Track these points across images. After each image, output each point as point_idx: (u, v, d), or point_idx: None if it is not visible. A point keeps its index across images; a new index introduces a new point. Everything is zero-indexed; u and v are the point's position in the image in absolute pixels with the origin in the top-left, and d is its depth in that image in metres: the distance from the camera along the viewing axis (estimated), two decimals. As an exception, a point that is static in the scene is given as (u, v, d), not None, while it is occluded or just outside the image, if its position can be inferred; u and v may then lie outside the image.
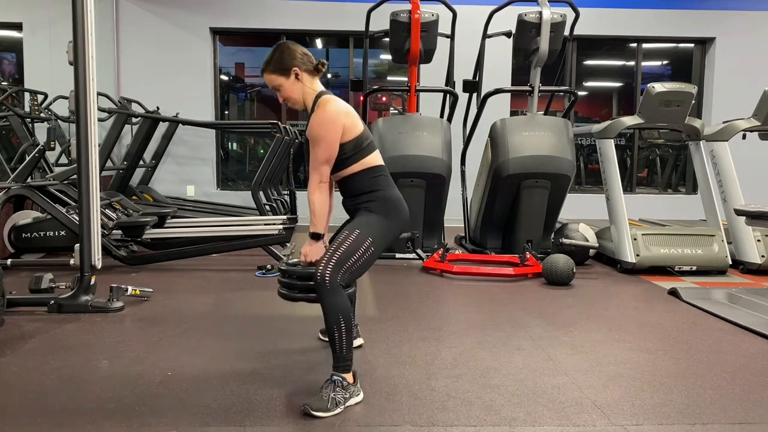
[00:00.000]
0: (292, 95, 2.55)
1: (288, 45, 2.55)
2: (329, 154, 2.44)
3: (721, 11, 8.53)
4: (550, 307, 4.05)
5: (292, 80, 2.52)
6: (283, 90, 2.55)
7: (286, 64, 2.50)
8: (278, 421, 2.28)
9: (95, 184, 3.78)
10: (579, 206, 7.59)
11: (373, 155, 2.55)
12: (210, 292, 4.33)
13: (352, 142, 2.48)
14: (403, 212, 2.57)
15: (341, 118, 2.45)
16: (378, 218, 2.49)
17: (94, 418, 2.28)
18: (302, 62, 2.52)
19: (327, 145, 2.42)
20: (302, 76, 2.52)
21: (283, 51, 2.52)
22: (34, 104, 6.66)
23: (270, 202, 6.98)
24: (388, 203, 2.52)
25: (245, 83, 9.16)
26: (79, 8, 3.62)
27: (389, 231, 2.53)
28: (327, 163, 2.45)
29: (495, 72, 7.23)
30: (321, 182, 2.45)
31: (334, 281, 2.36)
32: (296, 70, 2.50)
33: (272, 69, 2.53)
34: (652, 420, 2.34)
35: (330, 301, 2.37)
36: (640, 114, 5.29)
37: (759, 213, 4.01)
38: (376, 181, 2.53)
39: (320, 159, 2.43)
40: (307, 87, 2.54)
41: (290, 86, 2.53)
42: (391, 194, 2.55)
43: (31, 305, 3.77)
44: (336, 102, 2.50)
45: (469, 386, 2.63)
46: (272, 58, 2.53)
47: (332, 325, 2.38)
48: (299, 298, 2.65)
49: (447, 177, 5.56)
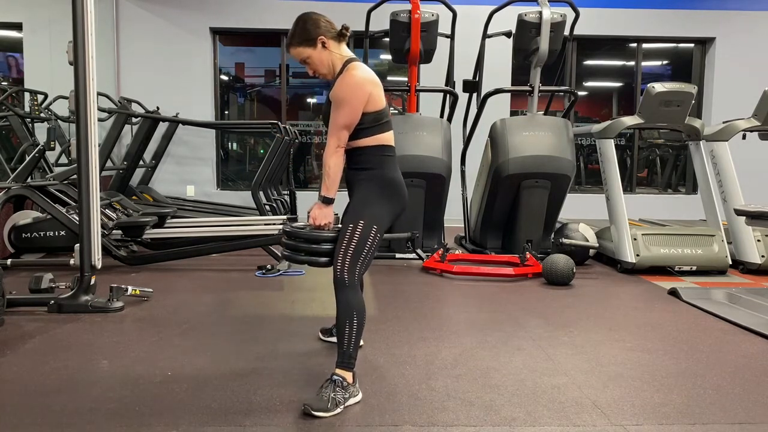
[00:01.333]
0: (321, 65, 2.51)
1: (310, 15, 2.51)
2: (351, 119, 2.40)
3: (721, 11, 8.54)
4: (550, 307, 4.05)
5: (319, 49, 2.48)
6: (312, 61, 2.51)
7: (311, 34, 2.47)
8: (278, 421, 2.27)
9: (95, 184, 3.78)
10: (579, 206, 7.59)
11: (388, 134, 2.52)
12: (210, 292, 4.33)
13: (373, 114, 2.45)
14: (403, 194, 2.53)
15: (368, 86, 2.43)
16: (377, 200, 2.46)
17: (94, 418, 2.28)
18: (327, 30, 2.49)
19: (351, 109, 2.39)
20: (329, 43, 2.48)
21: (306, 21, 2.49)
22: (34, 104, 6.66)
23: (270, 202, 6.99)
24: (390, 183, 2.49)
25: (245, 83, 9.16)
26: (79, 8, 3.62)
27: (389, 212, 2.50)
28: (347, 128, 2.41)
29: (495, 72, 7.23)
30: (338, 146, 2.41)
31: (352, 278, 2.38)
32: (322, 39, 2.47)
33: (298, 41, 2.49)
34: (652, 420, 2.34)
35: (347, 297, 2.38)
36: (640, 114, 5.29)
37: (759, 213, 4.01)
38: (383, 159, 2.50)
39: (341, 123, 2.39)
40: (335, 53, 2.50)
41: (318, 55, 2.49)
42: (394, 175, 2.52)
43: (31, 305, 3.77)
44: (365, 69, 2.47)
45: (469, 386, 2.63)
46: (296, 30, 2.49)
47: (344, 319, 2.38)
48: (303, 260, 2.54)
49: (447, 177, 5.56)
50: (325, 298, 4.10)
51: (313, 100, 9.38)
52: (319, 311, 3.82)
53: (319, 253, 2.48)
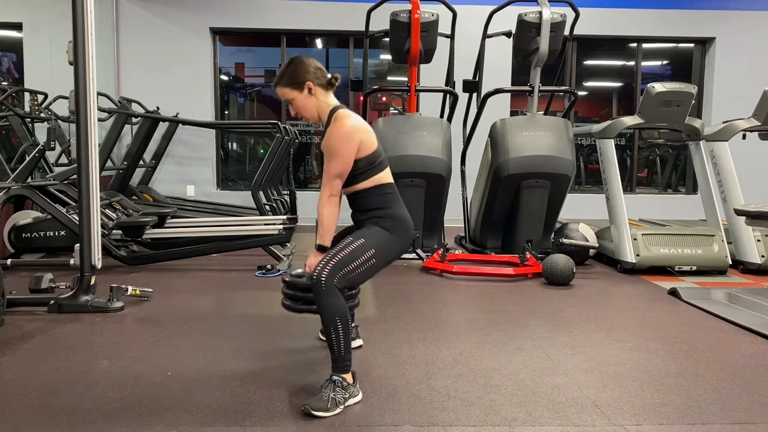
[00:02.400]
0: (306, 109, 2.57)
1: (301, 59, 2.56)
2: (343, 168, 2.46)
3: (721, 11, 8.54)
4: (550, 307, 4.05)
5: (305, 94, 2.54)
6: (296, 104, 2.57)
7: (300, 78, 2.52)
8: (278, 421, 2.28)
9: (95, 184, 3.78)
10: (579, 206, 7.60)
11: (384, 173, 2.57)
12: (210, 292, 4.33)
13: (366, 159, 2.50)
14: (409, 231, 2.59)
15: (358, 133, 2.47)
16: (385, 233, 2.51)
17: (94, 418, 2.28)
18: (315, 76, 2.54)
19: (342, 159, 2.44)
20: (315, 90, 2.54)
21: (296, 65, 2.54)
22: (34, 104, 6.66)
23: (270, 202, 6.99)
24: (396, 221, 2.54)
25: (245, 83, 9.16)
26: (79, 8, 3.62)
27: (393, 247, 2.55)
28: (340, 178, 2.47)
29: (495, 72, 7.23)
30: (332, 195, 2.47)
31: (329, 282, 2.36)
32: (309, 85, 2.52)
33: (285, 83, 2.55)
34: (652, 420, 2.34)
35: (325, 301, 2.37)
36: (640, 114, 5.29)
37: (759, 213, 4.00)
38: (385, 198, 2.55)
39: (333, 173, 2.45)
40: (321, 101, 2.56)
41: (304, 100, 2.55)
42: (399, 212, 2.56)
43: (31, 305, 3.77)
44: (353, 117, 2.51)
45: (470, 386, 2.63)
46: (285, 72, 2.55)
47: (329, 326, 2.38)
48: (303, 309, 2.70)
49: (447, 177, 5.55)
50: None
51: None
52: (319, 311, 3.81)
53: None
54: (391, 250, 2.55)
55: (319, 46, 9.05)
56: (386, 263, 2.58)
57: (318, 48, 9.08)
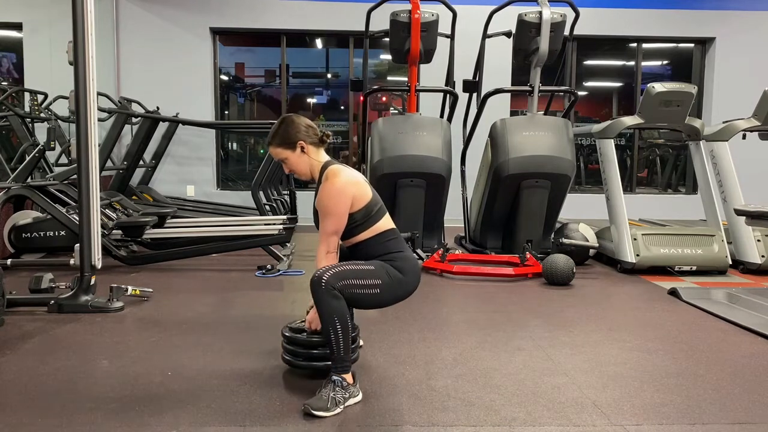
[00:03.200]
0: (299, 168, 2.60)
1: (292, 119, 2.59)
2: (338, 226, 2.48)
3: (721, 11, 8.54)
4: (550, 307, 4.05)
5: (298, 153, 2.57)
6: (289, 163, 2.60)
7: (292, 138, 2.55)
8: (278, 421, 2.27)
9: (95, 184, 3.78)
10: (579, 206, 7.59)
11: (383, 220, 2.58)
12: (210, 292, 4.33)
13: (362, 211, 2.51)
14: (417, 272, 2.60)
15: (350, 188, 2.49)
16: (394, 271, 2.51)
17: (94, 418, 2.28)
18: (307, 135, 2.56)
19: (336, 217, 2.47)
20: (308, 148, 2.57)
21: (288, 125, 2.56)
22: (34, 104, 6.66)
23: (270, 202, 6.99)
24: (405, 262, 2.56)
25: (245, 83, 9.16)
26: (79, 8, 3.62)
27: (400, 286, 2.54)
28: (336, 234, 2.50)
29: (495, 72, 7.23)
30: (329, 252, 2.50)
31: (329, 284, 2.36)
32: (302, 144, 2.55)
33: (278, 143, 2.58)
34: (652, 420, 2.34)
35: (324, 303, 2.37)
36: (640, 114, 5.29)
37: (759, 213, 4.00)
38: (387, 245, 2.56)
39: (329, 230, 2.48)
40: (313, 159, 2.59)
41: (296, 159, 2.58)
42: (406, 255, 2.58)
43: (31, 305, 3.77)
44: (343, 173, 2.52)
45: (470, 386, 2.63)
46: (278, 131, 2.58)
47: (327, 326, 2.38)
48: (303, 366, 2.68)
49: (447, 177, 5.55)
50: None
51: (313, 100, 9.38)
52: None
53: (317, 358, 2.59)
54: (398, 289, 2.54)
55: (319, 46, 9.05)
56: (392, 301, 2.59)
57: (318, 48, 9.09)
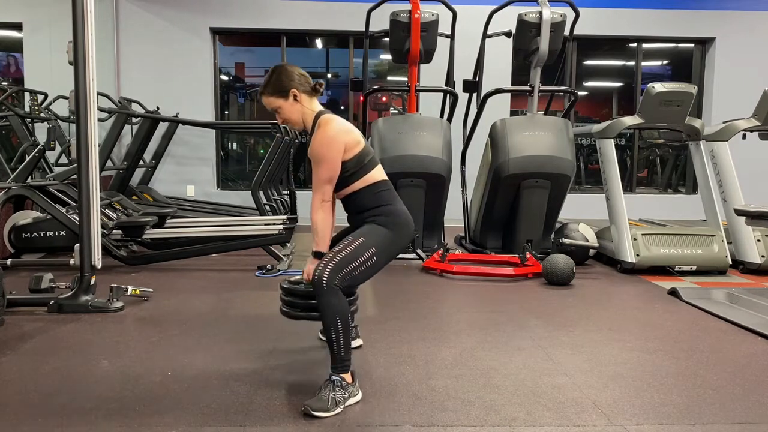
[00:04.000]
0: (291, 116, 2.58)
1: (285, 67, 2.58)
2: (331, 173, 2.47)
3: (721, 11, 8.53)
4: (550, 307, 4.05)
5: (290, 102, 2.55)
6: (282, 112, 2.58)
7: (285, 86, 2.53)
8: (278, 421, 2.27)
9: (95, 184, 3.78)
10: (579, 206, 7.59)
11: (375, 171, 2.57)
12: (210, 292, 4.33)
13: (354, 160, 2.50)
14: (409, 226, 2.58)
15: (342, 136, 2.48)
16: (384, 230, 2.50)
17: (94, 418, 2.28)
18: (300, 83, 2.55)
19: (329, 164, 2.45)
20: (300, 97, 2.55)
21: (280, 73, 2.55)
22: (34, 104, 6.66)
23: (270, 202, 6.99)
24: (395, 217, 2.54)
25: (245, 83, 9.16)
26: (79, 8, 3.62)
27: (394, 244, 2.54)
28: (329, 183, 2.48)
29: (495, 72, 7.23)
30: (323, 201, 2.49)
31: (330, 282, 2.36)
32: (294, 92, 2.53)
33: (270, 91, 2.56)
34: (652, 420, 2.34)
35: (326, 301, 2.37)
36: (640, 114, 5.29)
37: (759, 213, 4.00)
38: (379, 196, 2.55)
39: (323, 179, 2.47)
40: (306, 108, 2.57)
41: (289, 108, 2.56)
42: (396, 208, 2.56)
43: (31, 305, 3.77)
44: (336, 121, 2.52)
45: (469, 386, 2.63)
46: (270, 80, 2.56)
47: (329, 325, 2.38)
48: (301, 316, 2.70)
49: (447, 177, 5.55)
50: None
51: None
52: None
53: (314, 308, 2.56)
54: (392, 247, 2.54)
55: (319, 46, 9.05)
56: (388, 260, 2.58)
57: (318, 48, 9.08)
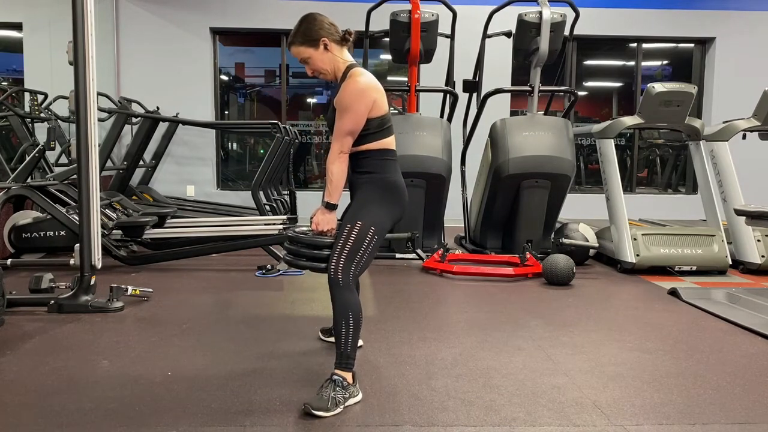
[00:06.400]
0: (323, 66, 2.51)
1: (315, 15, 2.52)
2: (356, 125, 2.41)
3: (721, 11, 8.53)
4: (550, 307, 4.05)
5: (321, 51, 2.49)
6: (312, 61, 2.51)
7: (314, 35, 2.47)
8: (278, 421, 2.27)
9: (95, 184, 3.78)
10: (579, 206, 7.59)
11: (390, 138, 2.54)
12: (210, 292, 4.33)
13: (378, 120, 2.46)
14: (403, 198, 2.55)
15: (372, 92, 2.43)
16: (378, 203, 2.47)
17: (94, 418, 2.28)
18: (330, 32, 2.49)
19: (355, 115, 2.39)
20: (331, 46, 2.49)
21: (310, 22, 2.49)
22: (34, 104, 6.66)
23: (270, 202, 6.98)
24: (391, 187, 2.51)
25: (245, 83, 9.16)
26: (79, 8, 3.62)
27: (388, 215, 2.51)
28: (351, 135, 2.42)
29: (495, 72, 7.23)
30: (342, 152, 2.42)
31: (347, 278, 2.37)
32: (325, 41, 2.47)
33: (300, 41, 2.49)
34: (652, 420, 2.34)
35: (342, 297, 2.38)
36: (640, 114, 5.29)
37: (759, 213, 4.01)
38: (385, 163, 2.52)
39: (345, 129, 2.40)
40: (338, 57, 2.51)
41: (320, 57, 2.50)
42: (396, 179, 2.54)
43: (31, 305, 3.77)
44: (368, 75, 2.48)
45: (469, 386, 2.63)
46: (299, 29, 2.50)
47: (340, 320, 2.38)
48: (305, 266, 2.57)
49: (447, 177, 5.55)
50: (324, 298, 4.07)
51: (313, 100, 9.38)
52: (319, 311, 3.82)
53: (319, 258, 2.50)
54: (387, 219, 2.51)
55: (319, 46, 9.03)
56: (387, 232, 2.55)
57: (318, 48, 9.07)
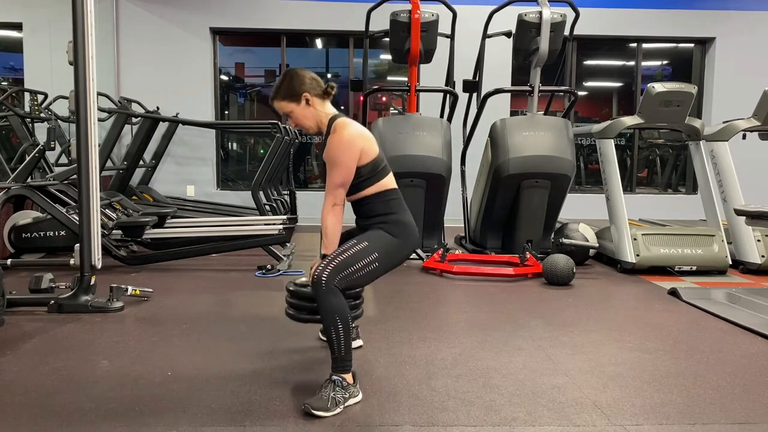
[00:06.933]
0: (305, 120, 2.57)
1: (296, 71, 2.57)
2: (345, 177, 2.46)
3: (721, 11, 8.54)
4: (550, 307, 4.05)
5: (303, 106, 2.54)
6: (295, 116, 2.57)
7: (296, 91, 2.52)
8: (278, 421, 2.27)
9: (95, 184, 3.78)
10: (579, 206, 7.60)
11: (387, 178, 2.57)
12: (210, 292, 4.33)
13: (369, 165, 2.50)
14: (414, 237, 2.59)
15: (358, 141, 2.47)
16: (389, 237, 2.51)
17: (94, 418, 2.28)
18: (312, 87, 2.54)
19: (344, 168, 2.44)
20: (313, 101, 2.54)
21: (292, 77, 2.54)
22: (34, 104, 6.66)
23: (270, 202, 6.99)
24: (402, 227, 2.55)
25: (245, 83, 9.16)
26: (79, 8, 3.62)
27: (397, 252, 2.54)
28: (343, 187, 2.47)
29: (495, 72, 7.23)
30: (335, 205, 2.47)
31: (329, 283, 2.36)
32: (307, 96, 2.52)
33: (282, 96, 2.55)
34: (652, 420, 2.34)
35: (325, 301, 2.37)
36: (640, 114, 5.29)
37: (759, 213, 4.01)
38: (389, 204, 2.56)
39: (336, 182, 2.45)
40: (320, 111, 2.56)
41: (302, 112, 2.55)
42: (404, 218, 2.57)
43: (31, 305, 3.77)
44: (353, 125, 2.51)
45: (469, 386, 2.63)
46: (281, 85, 2.56)
47: (329, 325, 2.38)
48: (306, 319, 2.69)
49: (447, 177, 5.55)
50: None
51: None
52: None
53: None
54: (395, 255, 2.55)
55: (319, 46, 9.05)
56: (390, 267, 2.58)
57: (318, 48, 9.08)
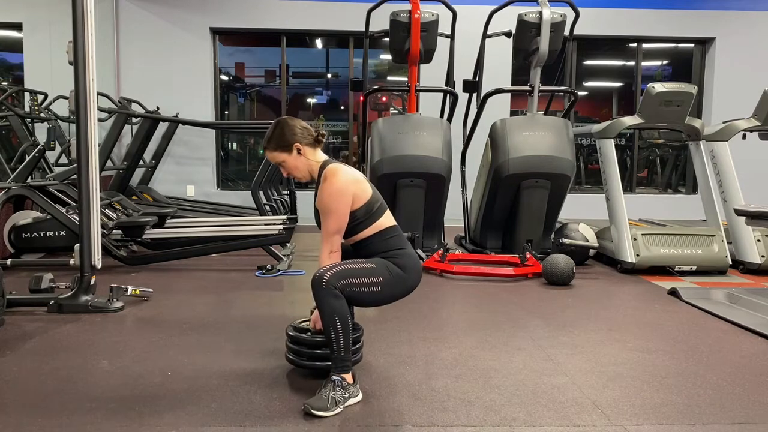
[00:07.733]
0: (296, 171, 2.61)
1: (287, 121, 2.59)
2: (340, 225, 2.48)
3: (721, 11, 8.54)
4: (550, 307, 4.05)
5: (294, 156, 2.57)
6: (286, 166, 2.61)
7: (287, 141, 2.56)
8: (278, 421, 2.27)
9: (95, 184, 3.78)
10: (579, 206, 7.59)
11: (384, 217, 2.58)
12: (210, 292, 4.33)
13: (363, 208, 2.52)
14: (418, 271, 2.60)
15: (350, 187, 2.49)
16: (395, 268, 2.52)
17: (94, 418, 2.28)
18: (303, 137, 2.57)
19: (338, 216, 2.46)
20: (304, 150, 2.57)
21: (283, 128, 2.57)
22: (34, 104, 6.66)
23: (270, 202, 6.99)
24: (407, 260, 2.56)
25: (245, 83, 9.16)
26: (79, 8, 3.62)
27: (400, 284, 2.55)
28: (338, 233, 2.50)
29: (495, 72, 7.23)
30: (332, 252, 2.49)
31: (330, 283, 2.37)
32: (298, 146, 2.55)
33: (273, 147, 2.59)
34: (652, 420, 2.34)
35: (325, 302, 2.38)
36: (640, 114, 5.29)
37: (759, 213, 4.00)
38: (389, 242, 2.57)
39: (331, 230, 2.47)
40: (311, 160, 2.59)
41: (293, 162, 2.59)
42: (408, 252, 2.59)
43: (31, 305, 3.77)
44: (343, 171, 2.52)
45: (469, 386, 2.63)
46: (272, 135, 2.58)
47: (328, 325, 2.39)
48: (306, 365, 2.68)
49: (447, 177, 5.55)
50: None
51: (313, 100, 9.38)
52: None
53: (321, 357, 2.58)
54: (398, 287, 2.55)
55: (319, 46, 9.05)
56: (393, 298, 2.59)
57: (318, 48, 9.08)
